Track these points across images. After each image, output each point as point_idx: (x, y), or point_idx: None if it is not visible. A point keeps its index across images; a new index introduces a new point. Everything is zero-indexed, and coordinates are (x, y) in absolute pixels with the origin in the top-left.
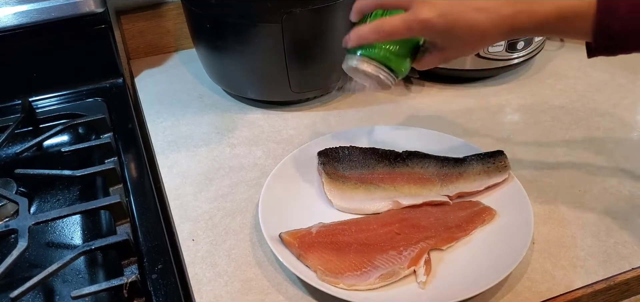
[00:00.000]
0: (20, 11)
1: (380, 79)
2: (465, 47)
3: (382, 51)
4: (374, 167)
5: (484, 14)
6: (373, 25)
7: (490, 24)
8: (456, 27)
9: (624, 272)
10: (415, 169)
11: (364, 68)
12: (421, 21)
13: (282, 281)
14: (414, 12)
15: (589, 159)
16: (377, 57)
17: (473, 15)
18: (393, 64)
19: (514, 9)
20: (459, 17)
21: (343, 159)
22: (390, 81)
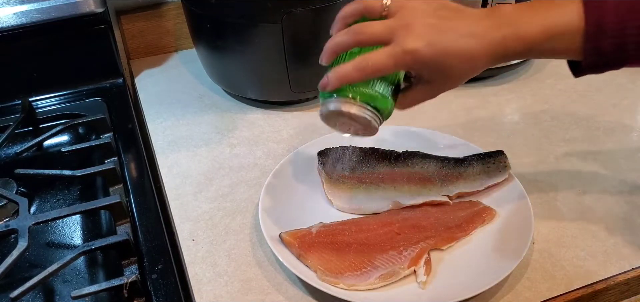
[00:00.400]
0: (20, 11)
1: (367, 121)
2: (454, 78)
3: (365, 90)
4: (374, 167)
5: (473, 40)
6: (356, 62)
7: (480, 49)
8: (446, 55)
9: (624, 272)
10: (415, 169)
11: (349, 110)
12: (408, 52)
13: (282, 281)
14: (400, 44)
15: (589, 159)
16: (360, 97)
17: (463, 42)
18: (379, 103)
19: (501, 32)
20: (448, 45)
21: (343, 159)
22: (377, 122)
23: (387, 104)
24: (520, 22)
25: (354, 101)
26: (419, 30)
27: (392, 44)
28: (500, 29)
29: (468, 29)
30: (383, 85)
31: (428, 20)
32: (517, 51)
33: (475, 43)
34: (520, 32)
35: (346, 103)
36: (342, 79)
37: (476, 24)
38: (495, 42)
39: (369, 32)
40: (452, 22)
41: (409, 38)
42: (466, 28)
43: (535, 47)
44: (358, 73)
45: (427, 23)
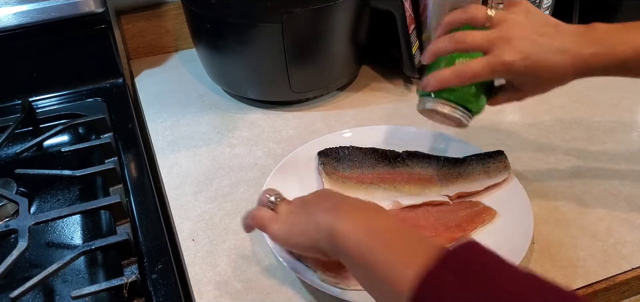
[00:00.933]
0: (20, 11)
1: (459, 119)
2: (543, 87)
3: (459, 93)
4: (374, 167)
5: (565, 56)
6: (455, 69)
7: (569, 65)
8: (538, 69)
9: (624, 272)
10: (415, 169)
11: (442, 110)
12: (505, 64)
13: (282, 281)
14: (497, 56)
15: (589, 159)
16: (454, 99)
17: (555, 58)
18: (471, 105)
19: (591, 50)
20: (541, 60)
21: (343, 159)
22: (467, 120)
23: (479, 105)
24: (614, 41)
25: (448, 102)
26: (516, 44)
27: (490, 54)
28: (591, 46)
29: (561, 45)
30: (476, 87)
31: (528, 35)
32: (605, 68)
33: (565, 59)
34: (611, 50)
35: (441, 104)
36: (442, 83)
37: (569, 40)
38: (584, 59)
39: (470, 41)
40: (549, 38)
41: (507, 51)
42: (560, 44)
43: (623, 66)
44: (456, 79)
45: (525, 37)
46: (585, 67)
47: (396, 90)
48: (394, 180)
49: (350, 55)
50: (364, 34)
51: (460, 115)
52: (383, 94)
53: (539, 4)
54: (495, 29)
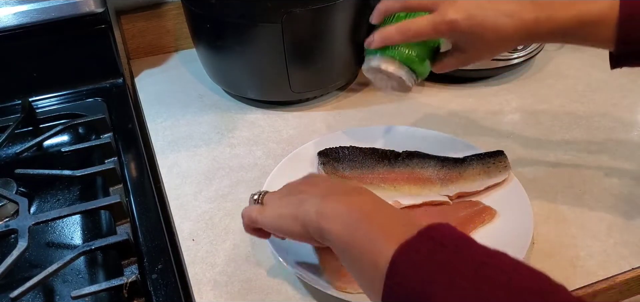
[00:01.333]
0: (20, 11)
1: (402, 80)
2: (486, 50)
3: (404, 51)
4: (374, 167)
5: (508, 20)
6: (399, 25)
7: (513, 28)
8: (482, 29)
9: (624, 272)
10: (415, 169)
11: (387, 68)
12: (448, 22)
13: (282, 281)
14: (441, 13)
15: (589, 159)
16: (399, 58)
17: (499, 20)
18: (415, 66)
19: (535, 14)
20: (485, 20)
21: (343, 159)
22: (412, 82)
23: (423, 67)
24: (556, 6)
25: (393, 60)
26: (461, 3)
27: (435, 12)
28: (534, 11)
29: (506, 8)
30: (422, 48)
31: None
32: (548, 33)
33: (508, 22)
34: (553, 15)
35: (385, 61)
36: (386, 39)
37: (515, 4)
38: (528, 22)
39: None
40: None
41: (451, 9)
42: (504, 7)
43: (567, 32)
44: (400, 35)
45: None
46: (528, 32)
47: None
48: (394, 180)
49: (350, 55)
50: (364, 34)
51: (405, 75)
52: (383, 94)
53: None
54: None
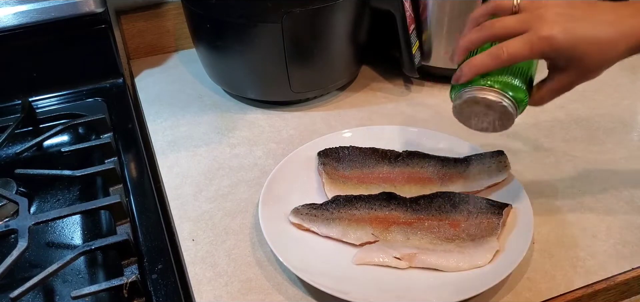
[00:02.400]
0: (20, 11)
1: (504, 108)
2: (591, 67)
3: (502, 77)
4: (374, 167)
5: (609, 27)
6: (490, 51)
7: (616, 35)
8: (581, 41)
9: (624, 272)
10: (415, 169)
11: (486, 96)
12: (544, 38)
13: (282, 281)
14: (535, 32)
15: (589, 159)
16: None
17: (599, 29)
18: (516, 92)
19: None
20: (583, 31)
21: (343, 159)
22: (514, 110)
23: (523, 94)
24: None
25: (490, 88)
26: (553, 18)
27: (527, 33)
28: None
29: (603, 16)
30: (518, 74)
31: (563, 11)
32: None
33: (611, 29)
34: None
35: (482, 90)
36: (477, 67)
37: (612, 12)
38: (634, 28)
39: (501, 25)
40: (586, 12)
41: (545, 25)
42: (601, 16)
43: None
44: (493, 61)
45: (560, 13)
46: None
47: (396, 90)
48: (394, 180)
49: (350, 55)
50: (364, 34)
51: (508, 103)
52: (383, 94)
53: None
54: (525, 12)
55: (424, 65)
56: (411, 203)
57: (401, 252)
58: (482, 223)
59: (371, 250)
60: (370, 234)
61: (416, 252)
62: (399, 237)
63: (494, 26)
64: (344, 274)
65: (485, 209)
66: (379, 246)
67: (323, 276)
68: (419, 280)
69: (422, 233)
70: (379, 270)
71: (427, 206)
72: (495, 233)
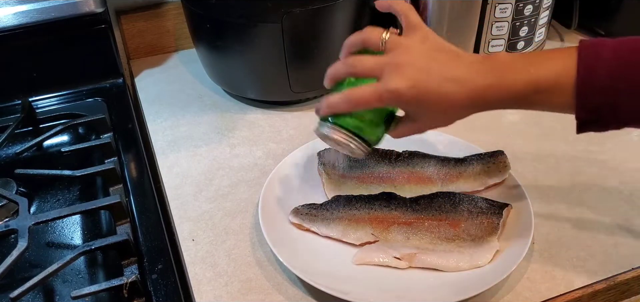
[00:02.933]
0: (20, 11)
1: (351, 148)
2: (437, 119)
3: (353, 120)
4: (374, 167)
5: (455, 86)
6: (343, 94)
7: (462, 95)
8: (426, 98)
9: (624, 272)
10: (415, 169)
11: (335, 136)
12: (391, 91)
13: (282, 281)
14: (385, 82)
15: (589, 159)
16: (348, 126)
17: (444, 87)
18: (365, 134)
19: (487, 81)
20: (429, 88)
21: (343, 159)
22: (362, 150)
23: (374, 134)
24: (508, 72)
25: (341, 130)
26: (405, 70)
27: (380, 80)
28: (486, 76)
29: (454, 73)
30: (373, 115)
31: (418, 62)
32: (501, 101)
33: (456, 88)
34: (506, 82)
35: (334, 131)
36: (332, 108)
37: (465, 69)
38: (479, 89)
39: (361, 65)
40: (441, 65)
41: (395, 77)
42: (452, 72)
43: (522, 100)
44: (344, 104)
45: (416, 65)
46: (481, 99)
47: None
48: (394, 180)
49: None
50: None
51: (355, 145)
52: None
53: (539, 3)
54: (387, 55)
55: None
56: (411, 203)
57: (401, 252)
58: (482, 223)
59: (371, 250)
60: (370, 234)
61: (416, 252)
62: (399, 237)
63: (355, 65)
64: (344, 274)
65: (485, 209)
66: (379, 246)
67: (323, 276)
68: (419, 280)
69: (422, 233)
70: (379, 270)
71: (427, 206)
72: (495, 233)
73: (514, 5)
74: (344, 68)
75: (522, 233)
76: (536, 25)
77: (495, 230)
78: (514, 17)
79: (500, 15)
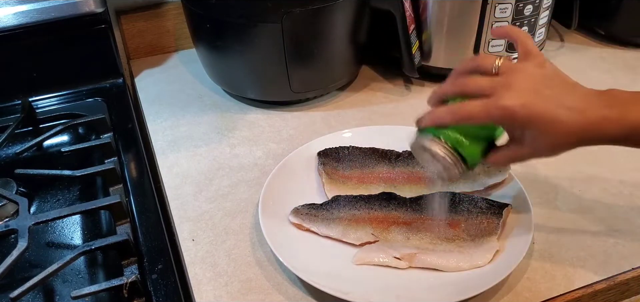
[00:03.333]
0: (20, 11)
1: (447, 163)
2: (544, 146)
3: (455, 135)
4: (374, 167)
5: (571, 113)
6: (450, 108)
7: (574, 124)
8: (539, 121)
9: (624, 272)
10: (416, 169)
11: (433, 149)
12: (502, 108)
13: (282, 281)
14: (496, 99)
15: (589, 159)
16: (448, 139)
17: (557, 112)
18: (464, 150)
19: (603, 113)
20: (542, 112)
21: (343, 159)
22: (458, 169)
23: (474, 154)
24: (627, 107)
25: (440, 142)
26: (518, 90)
27: (490, 98)
28: (604, 109)
29: (570, 102)
30: (475, 135)
31: (533, 85)
32: (615, 135)
33: (571, 116)
34: (624, 116)
35: (434, 142)
36: (435, 119)
37: (581, 99)
38: (593, 121)
39: (473, 83)
40: (556, 91)
41: (506, 95)
42: (568, 100)
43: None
44: (451, 117)
45: (529, 86)
46: (594, 131)
47: (396, 90)
48: (394, 180)
49: (350, 55)
50: (364, 34)
51: (452, 161)
52: (383, 94)
53: (539, 4)
54: (500, 76)
55: (424, 65)
56: (411, 203)
57: (401, 252)
58: (482, 223)
59: (371, 250)
60: (370, 234)
61: (416, 252)
62: (399, 237)
63: (467, 83)
64: (344, 274)
65: (485, 209)
66: (379, 246)
67: (323, 276)
68: (419, 280)
69: (422, 233)
70: (379, 270)
71: (427, 206)
72: (495, 233)
73: (514, 5)
74: (452, 87)
75: (522, 233)
76: (536, 26)
77: (495, 230)
78: (514, 17)
79: (500, 16)
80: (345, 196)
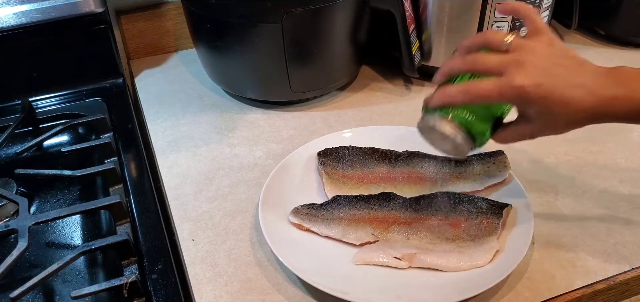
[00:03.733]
0: (20, 11)
1: (457, 141)
2: (555, 124)
3: (464, 114)
4: (374, 167)
5: (582, 92)
6: (462, 86)
7: (587, 103)
8: (550, 99)
9: (624, 272)
10: (416, 169)
11: (443, 128)
12: (515, 87)
13: (282, 281)
14: (508, 78)
15: (589, 159)
16: (457, 119)
17: (571, 92)
18: (474, 129)
19: (614, 91)
20: (554, 90)
21: (343, 159)
22: (467, 146)
23: (483, 132)
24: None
25: (449, 121)
26: (531, 69)
27: (502, 76)
28: (613, 87)
29: (581, 80)
30: (484, 113)
31: (544, 64)
32: (627, 112)
33: (583, 94)
34: (635, 94)
35: (442, 121)
36: (446, 99)
37: (591, 77)
38: (604, 99)
39: (482, 61)
40: (567, 70)
41: (520, 74)
42: (579, 79)
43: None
44: (461, 96)
45: (541, 65)
46: (604, 109)
47: (396, 90)
48: (394, 180)
49: (350, 55)
50: (364, 34)
51: (461, 139)
52: (383, 94)
53: (539, 4)
54: (511, 54)
55: (424, 65)
56: (411, 203)
57: (401, 252)
58: (482, 223)
59: (371, 250)
60: (370, 234)
61: (416, 252)
62: (399, 237)
63: (477, 61)
64: (344, 274)
65: (485, 209)
66: (379, 246)
67: (323, 276)
68: (419, 280)
69: (422, 233)
70: (379, 270)
71: (427, 206)
72: (495, 233)
73: None
74: (463, 63)
75: (522, 233)
76: None
77: (495, 230)
78: (514, 17)
79: (500, 16)
80: (345, 196)
